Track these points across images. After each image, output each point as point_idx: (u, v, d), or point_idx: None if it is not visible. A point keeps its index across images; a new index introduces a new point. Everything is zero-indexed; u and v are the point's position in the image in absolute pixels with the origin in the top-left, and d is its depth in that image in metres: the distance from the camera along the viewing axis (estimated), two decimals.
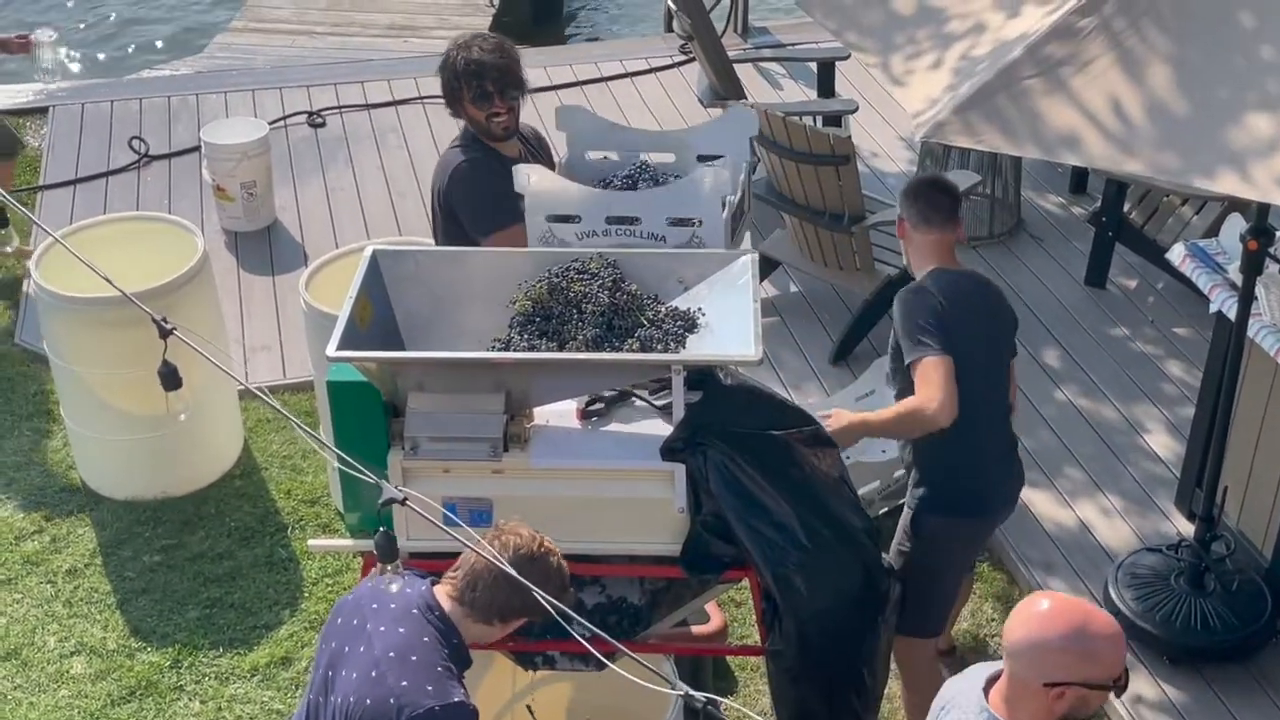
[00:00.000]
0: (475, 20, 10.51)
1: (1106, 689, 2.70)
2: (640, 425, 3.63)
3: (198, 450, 5.60)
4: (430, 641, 2.98)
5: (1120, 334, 6.44)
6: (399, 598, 3.05)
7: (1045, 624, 2.67)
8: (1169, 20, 3.57)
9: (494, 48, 4.29)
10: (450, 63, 4.31)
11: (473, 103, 4.30)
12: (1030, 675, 2.68)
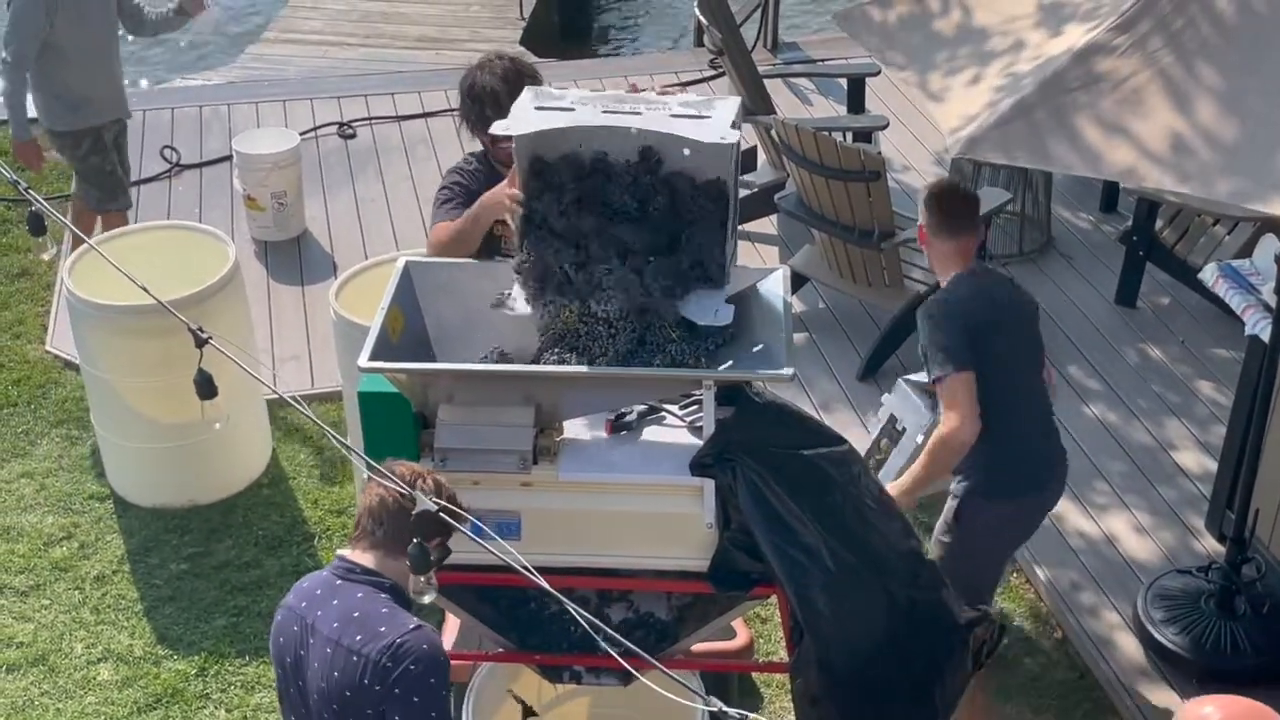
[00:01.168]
0: (506, 33, 10.56)
1: None
2: (670, 440, 3.62)
3: (226, 459, 5.62)
4: (365, 594, 3.02)
5: (1151, 353, 6.40)
6: (317, 581, 3.12)
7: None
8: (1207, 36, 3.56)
9: (503, 72, 4.19)
10: (461, 84, 4.28)
11: (477, 129, 4.24)
12: None
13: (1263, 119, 3.49)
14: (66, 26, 6.02)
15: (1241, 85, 3.55)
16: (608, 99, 3.59)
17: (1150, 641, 4.82)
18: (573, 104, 3.56)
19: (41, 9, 5.95)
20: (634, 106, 3.54)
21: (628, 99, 3.58)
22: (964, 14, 4.12)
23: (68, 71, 6.13)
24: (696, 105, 3.57)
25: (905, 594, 3.65)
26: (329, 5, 11.10)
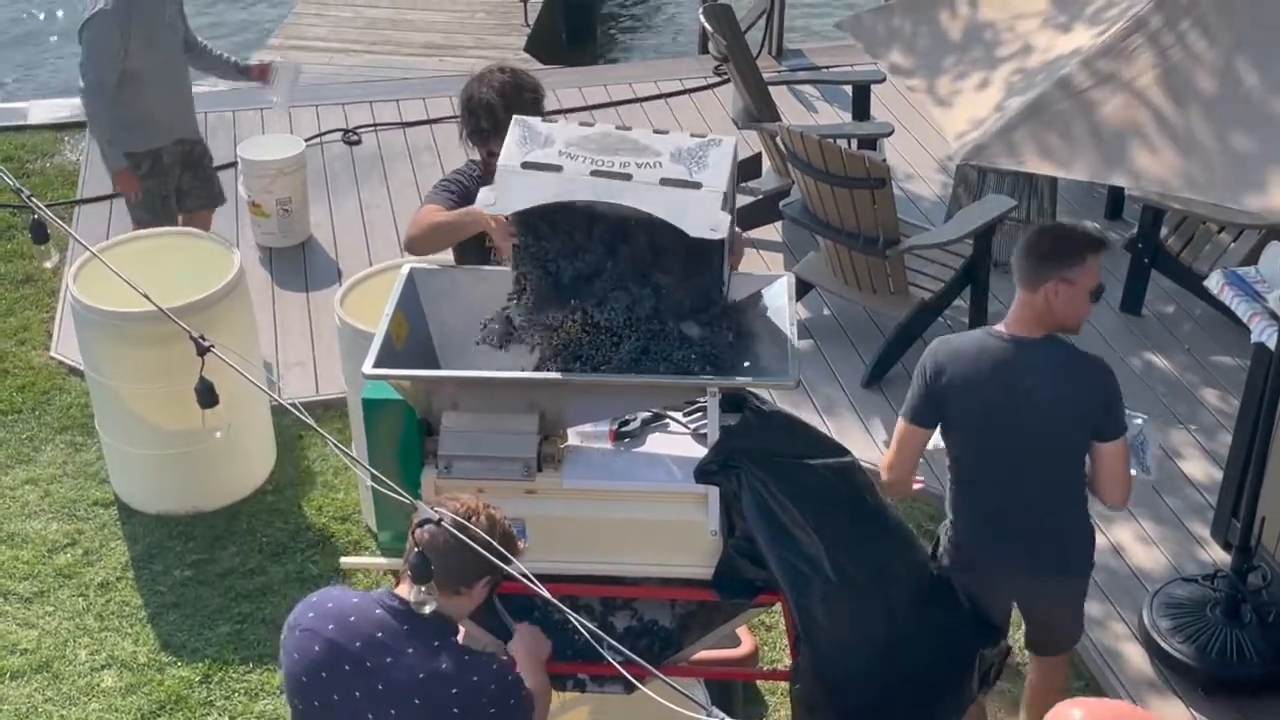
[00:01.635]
0: (511, 39, 10.57)
1: None
2: (674, 447, 3.62)
3: (230, 465, 5.61)
4: (441, 643, 3.00)
5: (1156, 361, 6.39)
6: (369, 618, 3.03)
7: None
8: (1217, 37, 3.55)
9: (501, 86, 4.16)
10: (463, 96, 4.27)
11: (473, 140, 4.23)
12: None
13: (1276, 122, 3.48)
14: (139, 51, 5.94)
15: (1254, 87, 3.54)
16: (597, 146, 3.41)
17: (1156, 650, 4.81)
18: (561, 156, 3.39)
19: (116, 34, 5.86)
20: (624, 162, 3.36)
21: (618, 147, 3.41)
22: (969, 22, 4.12)
23: (138, 95, 6.03)
24: (689, 160, 3.37)
25: (907, 608, 3.64)
26: (334, 12, 11.12)
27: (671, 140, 3.40)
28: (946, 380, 3.84)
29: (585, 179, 3.34)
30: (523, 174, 3.37)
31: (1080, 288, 3.79)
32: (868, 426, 5.97)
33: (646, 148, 3.38)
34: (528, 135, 3.43)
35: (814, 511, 3.51)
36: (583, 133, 3.42)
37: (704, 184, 3.32)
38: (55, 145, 8.45)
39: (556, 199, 3.37)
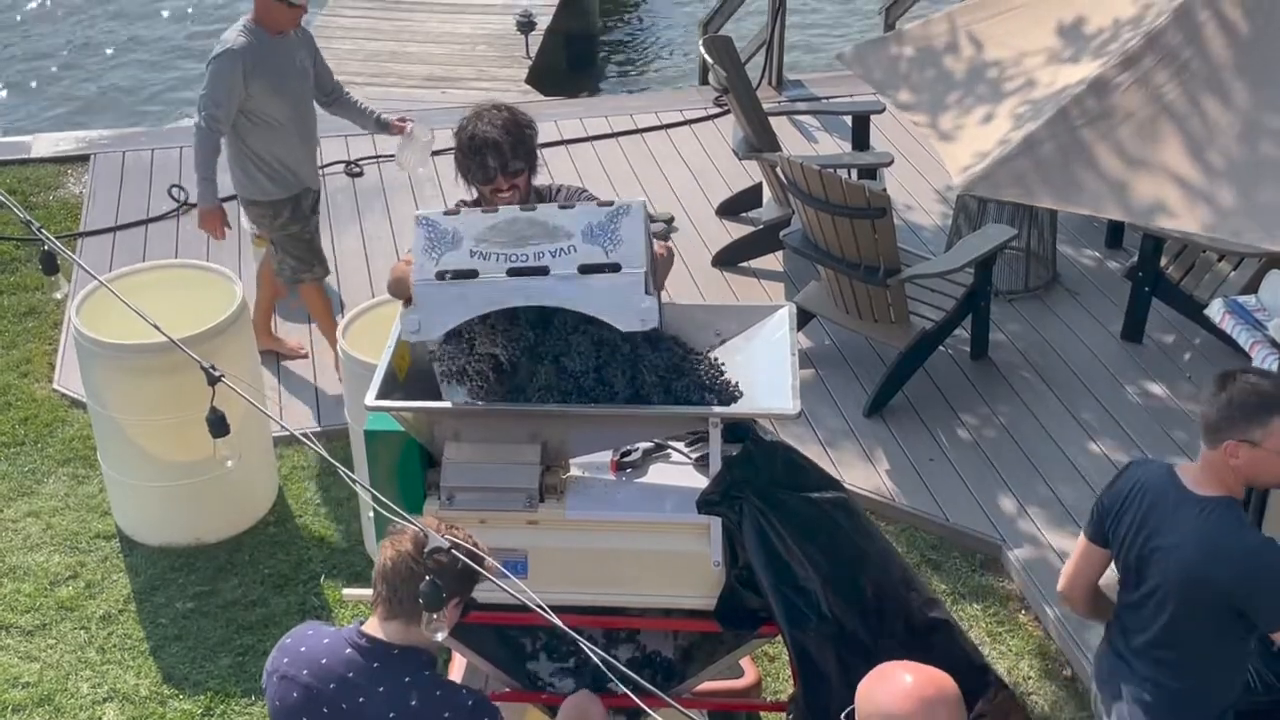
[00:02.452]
0: (512, 71, 10.61)
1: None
2: (676, 478, 3.62)
3: (233, 497, 5.61)
4: (413, 678, 2.97)
5: (1157, 389, 6.40)
6: (339, 658, 3.01)
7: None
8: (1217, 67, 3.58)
9: (504, 123, 4.09)
10: (459, 134, 4.24)
11: (475, 178, 4.16)
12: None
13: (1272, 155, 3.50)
14: (264, 94, 5.86)
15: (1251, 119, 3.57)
16: (507, 237, 3.34)
17: None
18: (473, 257, 3.33)
19: (239, 74, 5.79)
20: (538, 251, 3.31)
21: (528, 234, 3.33)
22: (972, 57, 4.15)
23: (267, 140, 5.97)
24: (602, 237, 3.30)
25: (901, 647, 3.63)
26: (336, 45, 11.16)
27: (580, 216, 3.32)
28: (1117, 509, 3.66)
29: (503, 281, 3.30)
30: (440, 288, 3.33)
31: (1268, 449, 3.40)
32: (870, 456, 5.97)
33: (557, 229, 3.31)
34: (434, 236, 3.37)
35: (812, 545, 3.51)
36: (488, 221, 3.35)
37: (623, 264, 3.28)
38: (58, 178, 8.48)
39: (479, 312, 3.34)
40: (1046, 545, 5.45)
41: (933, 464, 5.92)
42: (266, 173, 6.03)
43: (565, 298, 3.31)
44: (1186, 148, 3.53)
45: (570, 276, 3.29)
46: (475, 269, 3.33)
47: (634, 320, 3.26)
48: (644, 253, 3.29)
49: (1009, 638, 5.12)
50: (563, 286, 3.29)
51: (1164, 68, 3.61)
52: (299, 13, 5.97)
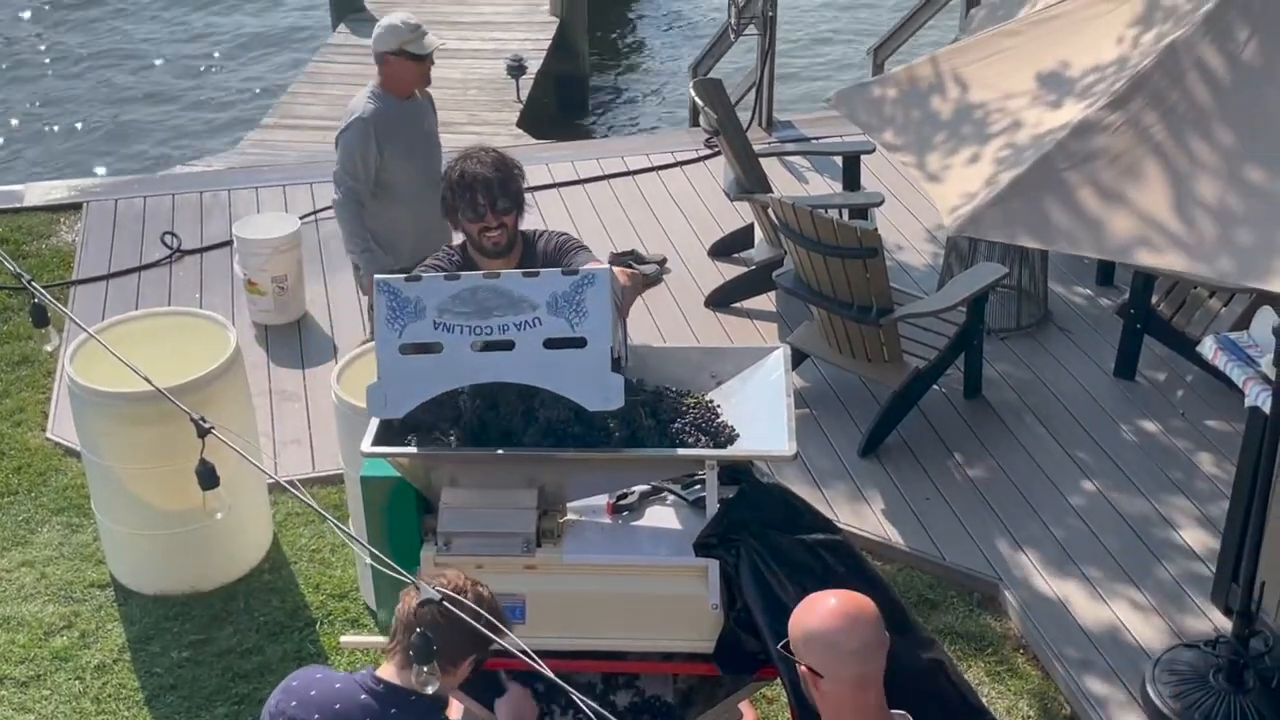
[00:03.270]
0: (504, 115, 10.66)
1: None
2: (673, 520, 3.62)
3: (227, 545, 5.59)
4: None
5: (1150, 426, 6.40)
6: (354, 704, 2.99)
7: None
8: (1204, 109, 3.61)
9: (494, 161, 4.16)
10: (447, 175, 4.24)
11: (465, 216, 4.20)
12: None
13: (1261, 193, 3.53)
14: (395, 161, 5.72)
15: (1237, 159, 3.59)
16: (471, 308, 3.31)
17: (1160, 718, 4.78)
18: (437, 328, 3.32)
19: (372, 142, 5.67)
20: (503, 324, 3.29)
21: (492, 305, 3.30)
22: (959, 99, 4.18)
23: (389, 209, 5.80)
24: (566, 309, 3.29)
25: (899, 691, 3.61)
26: (329, 90, 11.22)
27: (544, 285, 3.30)
28: None
29: (468, 356, 3.30)
30: (405, 361, 3.34)
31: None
32: (865, 496, 5.97)
33: (522, 300, 3.29)
34: (396, 305, 3.34)
35: (810, 586, 3.50)
36: (451, 290, 3.32)
37: (589, 339, 3.27)
38: (51, 227, 8.49)
39: (445, 389, 3.34)
40: (1044, 584, 5.44)
41: (928, 503, 5.92)
42: (383, 240, 5.80)
43: (531, 375, 3.30)
44: (1172, 189, 3.56)
45: (535, 351, 3.28)
46: (440, 342, 3.32)
47: (599, 399, 3.26)
48: (610, 326, 3.28)
49: (1008, 678, 5.11)
50: (529, 363, 3.28)
51: (1150, 110, 3.64)
52: (427, 67, 5.87)
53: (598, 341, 3.26)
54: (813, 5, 15.16)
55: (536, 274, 3.33)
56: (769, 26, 9.30)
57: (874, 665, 2.78)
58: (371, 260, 5.68)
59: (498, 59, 11.46)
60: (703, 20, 14.62)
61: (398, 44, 5.80)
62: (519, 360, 3.29)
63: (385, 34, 5.83)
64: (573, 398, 3.30)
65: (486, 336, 3.29)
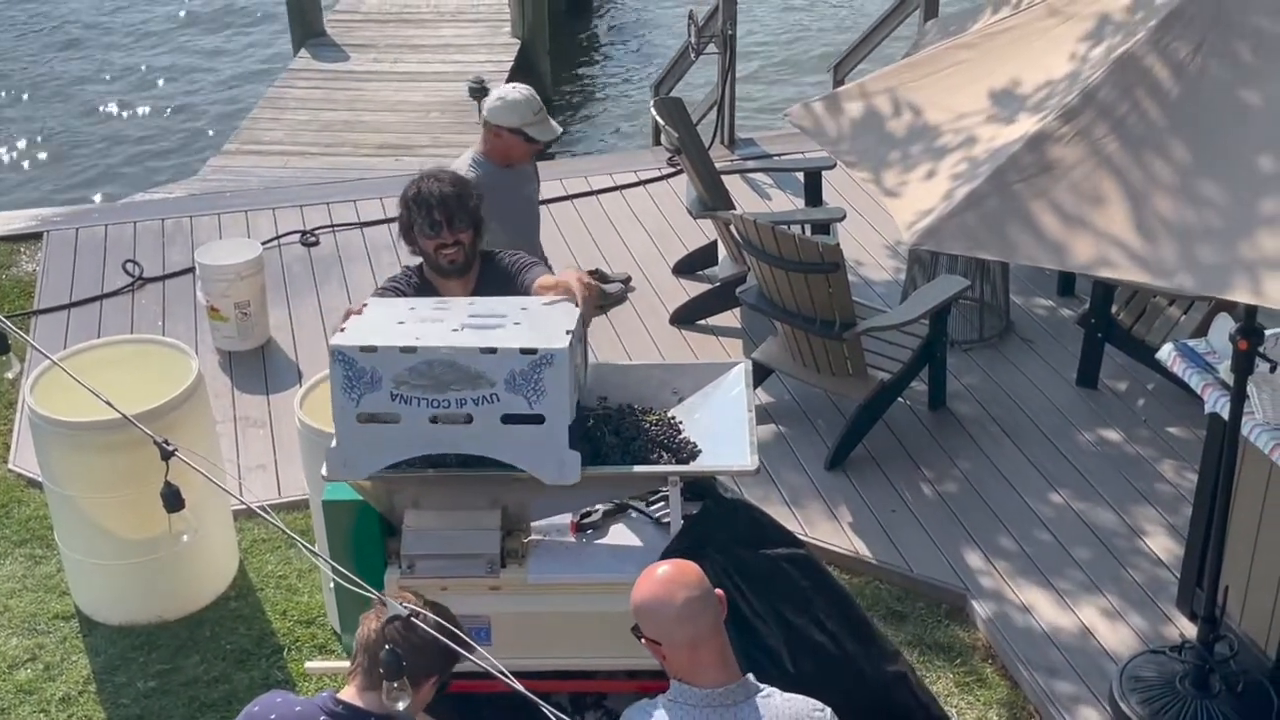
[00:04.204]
0: (466, 138, 10.65)
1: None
2: (637, 537, 3.62)
3: (193, 573, 5.55)
4: None
5: (1113, 435, 6.44)
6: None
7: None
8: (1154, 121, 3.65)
9: (451, 179, 4.20)
10: (404, 194, 4.24)
11: (422, 233, 4.19)
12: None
13: (1212, 202, 3.56)
14: (493, 229, 5.25)
15: (1191, 170, 3.63)
16: (428, 382, 3.32)
17: None
18: (394, 400, 3.33)
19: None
20: (460, 398, 3.32)
21: (449, 379, 3.32)
22: (914, 114, 4.20)
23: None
24: (524, 387, 3.33)
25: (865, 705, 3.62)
26: (290, 115, 11.21)
27: (502, 363, 3.32)
28: None
29: (426, 428, 3.33)
30: (363, 429, 3.36)
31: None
32: (833, 510, 5.98)
33: (479, 376, 3.31)
34: (352, 375, 3.36)
35: (775, 603, 3.52)
36: (407, 363, 3.33)
37: (546, 416, 3.30)
38: (11, 257, 8.44)
39: (404, 456, 3.38)
40: (1011, 594, 5.47)
41: (895, 515, 5.94)
42: None
43: (488, 447, 3.34)
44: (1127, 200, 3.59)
45: (494, 427, 3.31)
46: (398, 414, 3.34)
47: (555, 474, 3.31)
48: (567, 402, 3.31)
49: (977, 688, 5.12)
50: (486, 436, 3.32)
51: (1102, 122, 3.67)
52: (536, 148, 5.73)
53: (555, 418, 3.30)
54: (773, 24, 15.23)
55: (494, 351, 3.33)
56: (729, 45, 9.35)
57: (703, 623, 2.95)
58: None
59: (459, 81, 11.46)
60: (663, 40, 14.67)
61: (519, 123, 5.63)
62: (476, 433, 3.32)
63: (505, 109, 5.65)
64: (530, 471, 3.35)
65: (444, 409, 3.32)
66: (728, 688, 2.97)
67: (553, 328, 3.38)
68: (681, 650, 2.96)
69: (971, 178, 3.75)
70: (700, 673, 2.97)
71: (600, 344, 7.14)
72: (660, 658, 3.01)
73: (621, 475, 3.45)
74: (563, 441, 3.29)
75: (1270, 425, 4.55)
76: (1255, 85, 3.66)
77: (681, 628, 2.94)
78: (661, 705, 3.01)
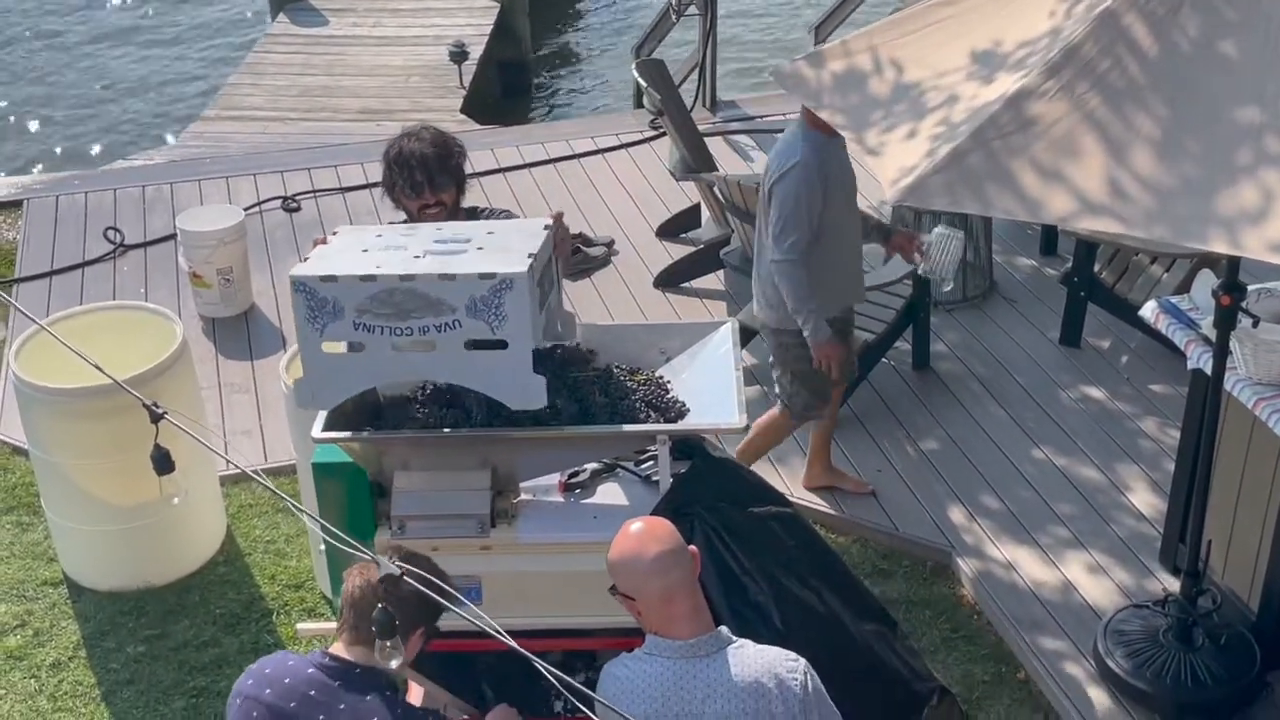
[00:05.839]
0: (447, 102, 10.62)
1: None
2: (625, 496, 3.64)
3: (180, 538, 5.56)
4: (373, 698, 3.01)
5: (1096, 393, 6.48)
6: (303, 678, 3.05)
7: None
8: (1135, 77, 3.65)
9: (433, 138, 4.16)
10: (386, 153, 4.21)
11: (404, 193, 4.17)
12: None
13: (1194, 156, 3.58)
14: (834, 204, 5.12)
15: (1171, 124, 3.64)
16: (390, 310, 3.30)
17: (1113, 678, 4.85)
18: (357, 329, 3.33)
19: (818, 188, 5.05)
20: (423, 325, 3.30)
21: (410, 307, 3.30)
22: (896, 72, 4.19)
23: (826, 254, 5.17)
24: (485, 312, 3.29)
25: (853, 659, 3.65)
26: (269, 81, 11.14)
27: (462, 288, 3.29)
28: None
29: (390, 356, 3.32)
30: (328, 359, 3.37)
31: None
32: None
33: (440, 303, 3.29)
34: (314, 305, 3.34)
35: (763, 560, 3.54)
36: (369, 291, 3.32)
37: (510, 341, 3.28)
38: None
39: (370, 385, 3.41)
40: (996, 551, 5.51)
41: (880, 475, 5.97)
42: (824, 288, 5.18)
43: (453, 374, 3.34)
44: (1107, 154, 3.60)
45: (458, 353, 3.30)
46: (362, 342, 3.34)
47: (520, 399, 3.29)
48: (530, 326, 3.29)
49: (962, 644, 5.16)
50: (450, 363, 3.31)
51: (1083, 79, 3.68)
52: None
53: (519, 343, 3.28)
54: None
55: (453, 277, 3.31)
56: (710, 6, 9.31)
57: (674, 577, 3.01)
58: (819, 324, 5.13)
59: (439, 45, 11.41)
60: (644, 1, 14.60)
61: None
62: (440, 360, 3.31)
63: None
64: (495, 397, 3.34)
65: (407, 337, 3.30)
66: (700, 639, 3.02)
67: (515, 252, 3.34)
68: (654, 604, 3.02)
69: (953, 135, 3.75)
70: (674, 625, 3.02)
71: (584, 308, 7.14)
72: (635, 613, 3.06)
73: (610, 434, 3.46)
74: (526, 366, 3.27)
75: (1253, 380, 4.58)
76: (1234, 38, 3.67)
77: (653, 581, 3.00)
78: (638, 657, 3.06)
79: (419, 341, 3.30)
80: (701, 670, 2.99)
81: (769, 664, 3.02)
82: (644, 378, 3.62)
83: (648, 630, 3.06)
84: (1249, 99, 3.61)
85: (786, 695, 3.00)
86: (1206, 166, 3.57)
